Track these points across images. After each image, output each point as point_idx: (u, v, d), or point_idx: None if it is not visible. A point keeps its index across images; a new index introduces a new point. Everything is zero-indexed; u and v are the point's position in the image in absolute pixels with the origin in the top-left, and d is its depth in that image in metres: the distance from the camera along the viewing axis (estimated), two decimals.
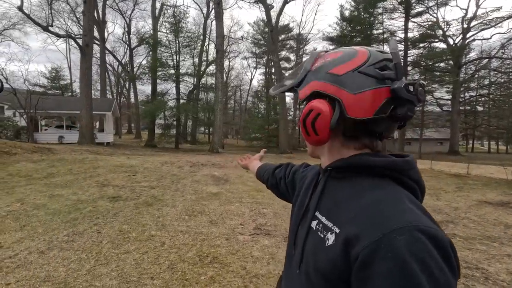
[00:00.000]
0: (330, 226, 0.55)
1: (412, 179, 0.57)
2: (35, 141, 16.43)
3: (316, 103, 0.59)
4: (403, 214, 0.47)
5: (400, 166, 0.56)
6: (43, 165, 8.15)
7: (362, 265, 0.45)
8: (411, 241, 0.43)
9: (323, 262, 0.53)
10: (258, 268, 2.82)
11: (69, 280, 2.45)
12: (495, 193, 7.09)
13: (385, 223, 0.46)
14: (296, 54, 41.05)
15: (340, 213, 0.55)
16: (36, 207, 4.48)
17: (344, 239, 0.50)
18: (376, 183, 0.56)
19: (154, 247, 3.20)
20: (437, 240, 0.44)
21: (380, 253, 0.44)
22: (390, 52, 0.57)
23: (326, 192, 0.64)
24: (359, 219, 0.50)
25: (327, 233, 0.55)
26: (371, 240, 0.45)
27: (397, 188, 0.55)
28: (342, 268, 0.49)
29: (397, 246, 0.43)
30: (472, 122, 36.76)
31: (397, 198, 0.51)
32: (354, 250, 0.47)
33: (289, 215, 3.29)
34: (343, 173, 0.61)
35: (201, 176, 7.74)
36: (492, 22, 25.78)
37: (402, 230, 0.44)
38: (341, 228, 0.52)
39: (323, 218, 0.59)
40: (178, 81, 23.87)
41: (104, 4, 31.45)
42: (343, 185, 0.60)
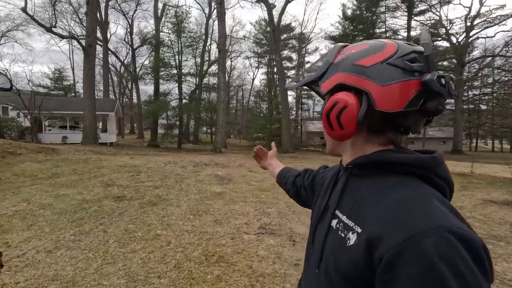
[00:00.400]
0: (352, 225, 0.53)
1: (439, 177, 0.55)
2: (39, 142, 16.54)
3: (342, 95, 0.57)
4: (431, 214, 0.45)
5: (427, 163, 0.54)
6: (47, 165, 8.21)
7: (387, 268, 0.43)
8: (440, 243, 0.41)
9: (344, 262, 0.51)
10: (264, 267, 2.83)
11: (77, 279, 2.47)
12: (500, 192, 7.05)
13: (411, 223, 0.44)
14: (298, 53, 40.97)
15: (362, 212, 0.53)
16: (42, 206, 4.51)
17: (366, 239, 0.48)
18: (401, 181, 0.53)
19: (160, 246, 3.22)
20: (468, 241, 0.42)
21: (407, 255, 0.42)
22: (422, 43, 0.55)
23: (348, 190, 0.61)
24: (383, 219, 0.48)
25: (348, 233, 0.53)
26: (396, 241, 0.43)
27: (424, 186, 0.52)
28: (364, 269, 0.47)
29: (425, 248, 0.41)
30: (475, 120, 36.51)
31: (424, 197, 0.49)
32: (378, 252, 0.45)
33: (293, 214, 3.32)
34: (366, 170, 0.59)
35: (205, 176, 7.76)
36: (496, 20, 25.62)
37: (430, 231, 0.42)
38: (363, 227, 0.50)
39: (344, 217, 0.57)
40: (181, 81, 23.91)
41: (106, 5, 31.57)
42: (366, 183, 0.58)
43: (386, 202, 0.50)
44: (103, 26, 30.02)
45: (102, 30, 29.41)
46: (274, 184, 7.04)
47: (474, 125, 37.32)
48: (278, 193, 6.17)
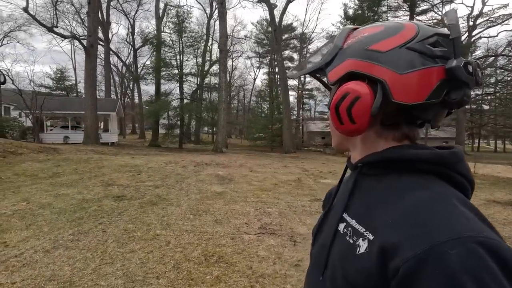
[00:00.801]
0: (362, 231, 0.48)
1: (460, 174, 0.49)
2: (40, 141, 16.56)
3: (353, 85, 0.50)
4: (455, 220, 0.40)
5: (447, 159, 0.49)
6: (48, 164, 8.20)
7: (403, 281, 0.38)
8: (466, 256, 0.36)
9: (353, 271, 0.46)
10: (264, 268, 2.79)
11: (74, 279, 2.44)
12: (503, 192, 6.98)
13: (432, 232, 0.39)
14: (300, 53, 40.89)
15: (374, 217, 0.48)
16: (41, 206, 4.49)
17: (380, 247, 0.43)
18: (418, 181, 0.48)
19: (159, 246, 3.18)
20: (498, 254, 0.36)
21: (427, 268, 0.36)
22: (449, 24, 0.47)
23: (357, 192, 0.55)
24: (399, 225, 0.42)
25: (358, 239, 0.48)
26: (415, 252, 0.38)
27: (444, 186, 0.47)
28: (376, 280, 0.42)
29: (448, 262, 0.36)
30: (478, 121, 36.32)
31: (445, 200, 0.43)
32: (393, 262, 0.40)
33: (294, 214, 3.27)
34: (378, 169, 0.53)
35: (205, 176, 7.72)
36: (499, 20, 25.48)
37: (454, 242, 0.37)
38: (375, 234, 0.45)
39: (353, 221, 0.51)
40: (182, 81, 23.89)
41: (108, 5, 31.65)
42: (377, 184, 0.52)
43: (402, 206, 0.45)
44: (105, 26, 30.10)
45: (103, 30, 29.50)
46: (276, 184, 7.01)
47: (476, 125, 37.13)
48: (279, 193, 6.13)
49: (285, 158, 15.78)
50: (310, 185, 7.22)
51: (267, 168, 10.03)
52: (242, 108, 56.06)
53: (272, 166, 10.77)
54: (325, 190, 6.98)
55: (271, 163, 12.12)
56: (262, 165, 10.88)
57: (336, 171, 10.33)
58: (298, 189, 6.60)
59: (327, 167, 11.80)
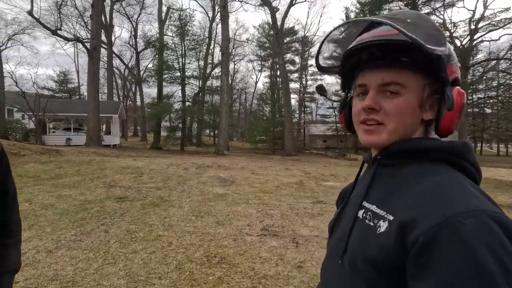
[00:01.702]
0: (383, 214, 0.52)
1: (470, 163, 0.54)
2: (43, 143, 16.63)
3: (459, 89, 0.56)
4: (468, 197, 0.44)
5: (459, 149, 0.54)
6: (51, 166, 8.23)
7: (421, 250, 0.42)
8: (479, 226, 0.40)
9: (374, 250, 0.49)
10: (267, 269, 2.78)
11: (77, 279, 2.44)
12: (506, 195, 6.94)
13: (448, 206, 0.43)
14: (301, 56, 40.99)
15: (393, 201, 0.52)
16: (44, 207, 4.50)
17: (399, 223, 0.47)
18: (433, 169, 0.52)
19: (162, 247, 3.18)
20: (505, 225, 0.41)
21: (443, 237, 0.41)
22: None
23: (377, 181, 0.60)
24: (417, 203, 0.47)
25: (378, 221, 0.52)
26: (432, 223, 0.42)
27: (456, 173, 0.52)
28: (395, 255, 0.46)
29: (463, 230, 0.40)
30: (480, 124, 36.19)
31: (458, 183, 0.48)
32: (412, 235, 0.44)
33: (296, 216, 3.27)
34: (396, 159, 0.58)
35: (207, 178, 7.72)
36: (501, 23, 25.45)
37: (468, 213, 0.41)
38: (395, 214, 0.49)
39: (373, 206, 0.55)
40: (184, 84, 24.00)
41: (111, 8, 31.92)
42: (396, 172, 0.57)
43: (419, 189, 0.49)
44: (108, 30, 30.33)
45: (106, 33, 29.71)
46: (277, 186, 7.00)
47: (478, 128, 36.99)
48: (280, 195, 6.12)
49: (286, 161, 15.77)
50: (312, 187, 7.21)
51: (269, 171, 10.02)
52: (244, 111, 56.16)
53: (274, 169, 10.76)
54: (327, 193, 6.92)
55: (273, 165, 12.11)
56: (264, 168, 10.87)
57: (338, 173, 10.31)
58: (300, 192, 6.58)
59: (328, 169, 11.77)
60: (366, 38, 0.55)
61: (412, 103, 0.55)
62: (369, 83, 0.57)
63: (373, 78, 0.56)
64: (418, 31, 0.49)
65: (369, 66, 0.57)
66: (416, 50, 0.50)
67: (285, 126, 22.91)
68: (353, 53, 0.58)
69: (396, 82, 0.54)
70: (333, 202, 5.67)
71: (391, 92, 0.55)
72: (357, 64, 0.60)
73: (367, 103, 0.56)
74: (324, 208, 5.17)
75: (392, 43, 0.53)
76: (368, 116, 0.57)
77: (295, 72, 42.28)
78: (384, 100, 0.55)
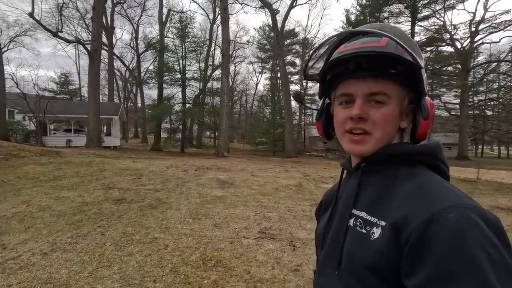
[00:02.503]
0: (375, 221, 0.54)
1: (442, 162, 0.59)
2: (43, 145, 16.66)
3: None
4: (449, 195, 0.49)
5: (434, 149, 0.58)
6: (50, 167, 8.23)
7: (412, 248, 0.45)
8: (462, 219, 0.43)
9: (371, 256, 0.51)
10: (263, 272, 2.76)
11: (70, 282, 2.42)
12: (507, 198, 6.90)
13: (432, 203, 0.47)
14: (302, 58, 41.06)
15: (383, 207, 0.54)
16: (41, 209, 4.49)
17: (391, 226, 0.50)
18: (412, 171, 0.56)
19: (158, 249, 3.16)
20: (487, 217, 0.45)
21: (430, 232, 0.44)
22: None
23: (363, 188, 0.62)
24: (404, 204, 0.51)
25: (371, 228, 0.53)
26: (421, 219, 0.46)
27: (433, 173, 0.56)
28: (392, 256, 0.48)
29: (448, 224, 0.43)
30: (481, 126, 36.12)
31: (437, 182, 0.53)
32: (405, 233, 0.47)
33: (294, 218, 3.23)
34: (380, 165, 0.61)
35: (206, 180, 7.71)
36: (501, 25, 25.48)
37: (451, 208, 0.45)
38: (386, 219, 0.52)
39: (363, 213, 0.57)
40: (184, 86, 24.04)
41: (112, 10, 32.06)
42: (380, 178, 0.60)
43: (404, 191, 0.53)
44: (109, 31, 30.46)
45: (108, 35, 29.85)
46: (276, 189, 6.98)
47: (479, 130, 36.91)
48: (279, 197, 6.09)
49: (286, 163, 15.74)
50: (311, 189, 7.18)
51: (268, 173, 10.00)
52: (245, 112, 56.20)
53: (273, 171, 10.73)
54: None
55: (272, 167, 12.09)
56: (263, 170, 10.85)
57: (337, 176, 10.26)
58: (299, 194, 6.56)
59: (328, 172, 11.74)
60: (355, 48, 0.56)
61: (395, 113, 0.58)
62: (355, 92, 0.58)
63: (360, 88, 0.57)
64: (408, 47, 0.54)
65: (355, 76, 0.58)
66: (403, 63, 0.55)
67: (285, 128, 22.90)
68: (340, 63, 0.59)
69: (383, 92, 0.57)
70: None
71: (376, 102, 0.57)
72: (340, 73, 0.61)
73: (356, 112, 0.57)
74: None
75: (380, 55, 0.54)
76: (356, 125, 0.58)
77: (296, 74, 42.34)
78: (371, 109, 0.57)
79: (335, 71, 0.62)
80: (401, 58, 0.53)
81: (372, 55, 0.54)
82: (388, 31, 0.57)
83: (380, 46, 0.54)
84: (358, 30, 0.59)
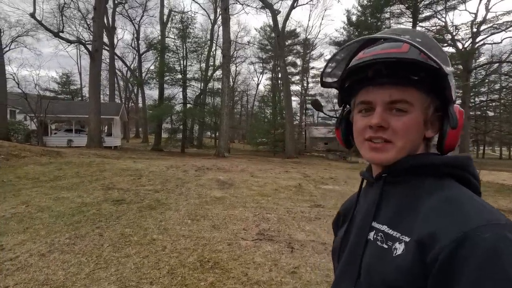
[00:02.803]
0: (397, 236, 0.51)
1: (474, 177, 0.56)
2: (44, 144, 16.70)
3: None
4: (483, 211, 0.45)
5: (464, 163, 0.55)
6: (50, 168, 8.24)
7: (443, 266, 0.42)
8: (499, 239, 0.41)
9: (392, 273, 0.48)
10: (260, 274, 2.75)
11: (67, 283, 2.42)
12: (508, 200, 6.87)
13: (465, 220, 0.44)
14: (303, 59, 41.05)
15: (407, 221, 0.51)
16: (40, 209, 4.50)
17: (416, 243, 0.46)
18: (440, 183, 0.53)
19: (155, 251, 3.16)
20: None
21: (464, 252, 0.41)
22: None
23: (384, 200, 0.58)
24: (431, 219, 0.47)
25: (393, 243, 0.50)
26: (451, 238, 0.42)
27: (463, 187, 0.52)
28: (416, 275, 0.45)
29: (483, 244, 0.40)
30: (482, 127, 35.98)
31: (469, 197, 0.49)
32: (433, 252, 0.44)
33: (293, 220, 3.22)
34: (404, 176, 0.57)
35: (206, 180, 7.71)
36: (503, 26, 25.34)
37: (486, 227, 0.42)
38: (410, 235, 0.48)
39: (384, 227, 0.54)
40: (185, 86, 24.05)
41: (114, 11, 32.13)
42: (405, 189, 0.56)
43: (431, 204, 0.49)
44: (110, 32, 30.52)
45: (109, 35, 29.89)
46: (276, 190, 6.97)
47: (481, 131, 36.77)
48: (279, 198, 6.08)
49: (287, 163, 15.73)
50: (310, 191, 7.17)
51: (268, 173, 9.99)
52: (245, 112, 56.20)
53: (274, 171, 10.72)
54: (326, 196, 6.86)
55: (273, 168, 12.08)
56: (264, 170, 10.84)
57: (338, 177, 10.26)
58: (299, 195, 6.55)
59: (328, 172, 11.72)
60: (373, 54, 0.54)
61: (418, 121, 0.55)
62: (375, 100, 0.56)
63: (380, 96, 0.55)
64: (432, 52, 0.50)
65: (374, 83, 0.56)
66: (426, 69, 0.52)
67: (286, 128, 22.89)
68: (358, 69, 0.57)
69: (405, 100, 0.54)
70: (331, 205, 5.64)
71: (398, 110, 0.55)
72: (358, 80, 0.59)
73: (375, 121, 0.55)
74: (322, 212, 5.13)
75: (401, 61, 0.52)
76: (375, 134, 0.56)
77: (297, 74, 42.33)
78: (392, 117, 0.55)
79: (353, 78, 0.60)
80: (423, 64, 0.51)
81: (391, 62, 0.52)
82: (411, 36, 0.54)
83: (401, 52, 0.52)
84: (378, 36, 0.57)
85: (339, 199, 6.25)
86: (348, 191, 7.43)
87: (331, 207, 5.50)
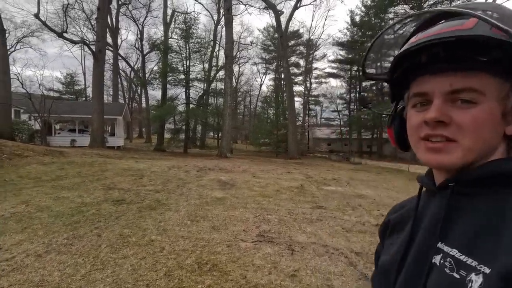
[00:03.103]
0: (474, 265, 0.40)
1: None
2: (48, 144, 16.78)
3: None
4: None
5: None
6: (52, 167, 8.26)
7: None
8: None
9: None
10: (259, 277, 2.69)
11: (62, 285, 2.38)
12: None
13: None
14: (306, 59, 40.94)
15: (486, 246, 0.40)
16: (40, 209, 4.48)
17: (501, 274, 0.37)
18: None
19: (153, 252, 3.11)
20: None
21: None
22: None
23: (453, 216, 0.47)
24: None
25: (468, 273, 0.40)
26: None
27: None
28: None
29: None
30: None
31: None
32: None
33: (294, 222, 3.13)
34: (476, 187, 0.46)
35: (207, 181, 7.66)
36: None
37: None
38: (492, 265, 0.38)
39: (454, 251, 0.43)
40: (188, 86, 24.09)
41: (117, 11, 32.29)
42: (478, 205, 0.45)
43: None
44: (114, 32, 30.70)
45: (113, 36, 30.07)
46: (277, 190, 6.90)
47: None
48: (280, 199, 6.02)
49: (289, 164, 15.65)
50: (312, 192, 7.09)
51: (270, 174, 9.93)
52: (248, 113, 56.21)
53: (276, 172, 10.66)
54: (328, 197, 6.78)
55: (275, 168, 12.01)
56: (266, 171, 10.78)
57: (340, 178, 10.16)
58: (300, 196, 6.47)
59: (331, 173, 11.63)
60: (427, 36, 0.44)
61: (494, 114, 0.44)
62: (431, 90, 0.46)
63: (438, 85, 0.46)
64: (507, 23, 0.38)
65: (431, 70, 0.47)
66: (501, 47, 0.40)
67: (288, 129, 22.80)
68: (409, 56, 0.48)
69: (471, 88, 0.43)
70: (333, 207, 5.56)
71: (463, 101, 0.44)
72: (411, 68, 0.50)
73: (432, 115, 0.45)
74: (323, 213, 5.05)
75: (465, 40, 0.41)
76: (433, 132, 0.46)
77: (300, 75, 42.22)
78: (455, 111, 0.44)
79: (405, 66, 0.50)
80: (494, 40, 0.39)
81: (451, 42, 0.42)
82: (483, 9, 0.42)
83: (463, 29, 0.41)
84: (438, 10, 0.46)
85: (341, 201, 6.17)
86: (351, 192, 7.34)
87: (333, 209, 5.42)
